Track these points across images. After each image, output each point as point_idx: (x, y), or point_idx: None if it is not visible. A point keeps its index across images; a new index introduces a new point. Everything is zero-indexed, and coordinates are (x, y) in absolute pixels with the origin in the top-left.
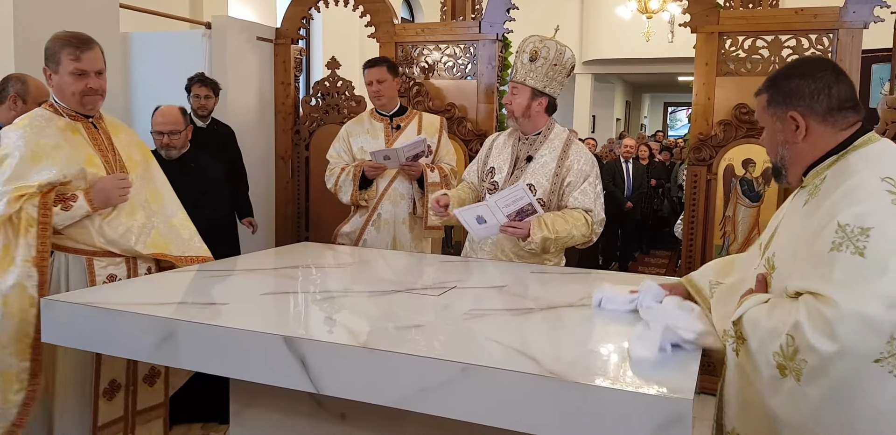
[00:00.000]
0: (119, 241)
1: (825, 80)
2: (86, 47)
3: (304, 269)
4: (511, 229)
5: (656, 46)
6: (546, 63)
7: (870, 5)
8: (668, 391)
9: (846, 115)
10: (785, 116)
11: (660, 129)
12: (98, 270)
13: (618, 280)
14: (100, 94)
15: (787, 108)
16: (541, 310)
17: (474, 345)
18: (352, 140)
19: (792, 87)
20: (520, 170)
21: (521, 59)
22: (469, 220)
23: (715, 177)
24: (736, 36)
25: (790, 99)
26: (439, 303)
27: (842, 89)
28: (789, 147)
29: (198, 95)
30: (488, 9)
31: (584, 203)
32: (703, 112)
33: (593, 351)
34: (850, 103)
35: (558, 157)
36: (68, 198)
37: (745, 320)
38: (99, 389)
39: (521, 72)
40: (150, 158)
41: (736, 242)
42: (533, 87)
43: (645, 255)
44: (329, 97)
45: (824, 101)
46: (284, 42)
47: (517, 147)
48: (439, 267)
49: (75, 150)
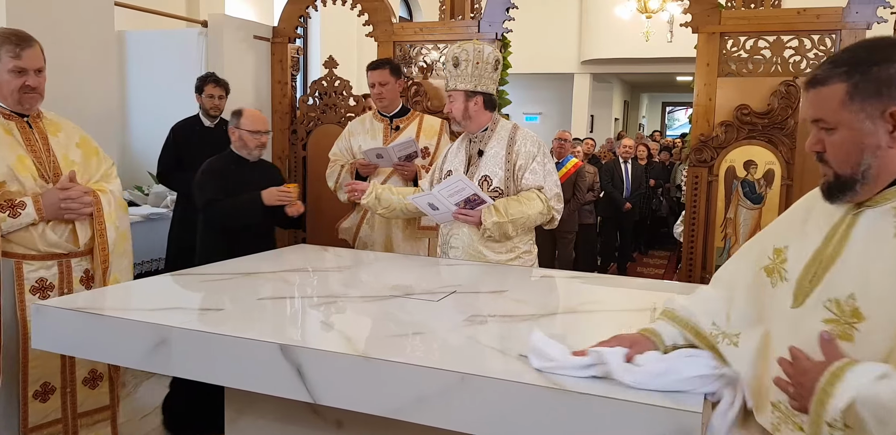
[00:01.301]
0: (62, 243)
1: None
2: (26, 45)
3: (302, 272)
4: (462, 217)
5: (655, 46)
6: (469, 64)
7: (872, 6)
8: (675, 403)
9: None
10: (880, 114)
11: (657, 129)
12: (27, 274)
13: (618, 283)
14: (38, 92)
15: (884, 102)
16: (542, 316)
17: (474, 353)
18: (352, 139)
19: (893, 75)
20: (474, 166)
21: (448, 69)
22: (423, 206)
23: (716, 178)
24: (737, 36)
25: (891, 90)
26: (439, 308)
27: None
28: (882, 154)
29: (212, 95)
30: (487, 8)
31: (534, 181)
32: (705, 113)
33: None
34: None
35: (506, 145)
36: (16, 205)
37: (860, 404)
38: (27, 390)
39: (451, 80)
40: (93, 156)
41: (737, 244)
42: (464, 89)
43: (643, 255)
44: (326, 96)
45: None
46: (281, 41)
47: (469, 147)
48: (439, 270)
49: (4, 149)
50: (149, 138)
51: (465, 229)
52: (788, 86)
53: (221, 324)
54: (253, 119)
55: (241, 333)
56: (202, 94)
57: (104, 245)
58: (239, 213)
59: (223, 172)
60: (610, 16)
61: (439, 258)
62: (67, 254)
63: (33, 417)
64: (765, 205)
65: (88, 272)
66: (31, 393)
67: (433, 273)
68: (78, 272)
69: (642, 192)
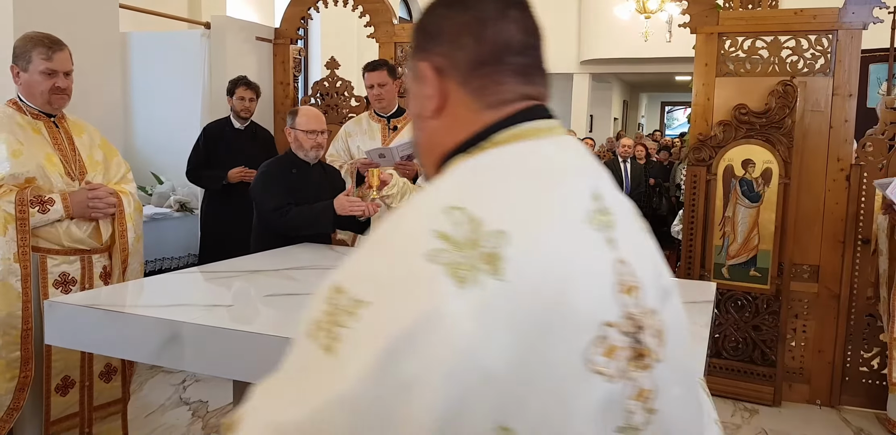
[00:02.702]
0: (86, 239)
1: (481, 10)
2: (57, 48)
3: (306, 270)
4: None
5: (654, 46)
6: None
7: (869, 6)
8: None
9: (501, 82)
10: (417, 69)
11: (657, 128)
12: (51, 268)
13: None
14: (67, 93)
15: (420, 55)
16: None
17: None
18: (350, 140)
19: (434, 22)
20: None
21: None
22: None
23: (714, 177)
24: (735, 36)
25: (427, 41)
26: None
27: (504, 28)
28: (422, 123)
29: (243, 98)
30: None
31: None
32: (703, 112)
33: None
34: (514, 57)
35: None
36: (46, 201)
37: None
38: (50, 385)
39: None
40: (113, 157)
41: (735, 242)
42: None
43: None
44: (328, 97)
45: (470, 47)
46: (283, 42)
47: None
48: None
49: (35, 147)
50: (151, 139)
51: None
52: (786, 85)
53: (231, 319)
54: (308, 118)
55: (251, 328)
56: (233, 97)
57: (125, 245)
58: (311, 224)
59: (282, 176)
60: (609, 16)
61: None
62: (90, 250)
63: (54, 411)
64: (763, 203)
65: (106, 268)
66: (53, 387)
67: None
68: (98, 268)
69: (641, 191)
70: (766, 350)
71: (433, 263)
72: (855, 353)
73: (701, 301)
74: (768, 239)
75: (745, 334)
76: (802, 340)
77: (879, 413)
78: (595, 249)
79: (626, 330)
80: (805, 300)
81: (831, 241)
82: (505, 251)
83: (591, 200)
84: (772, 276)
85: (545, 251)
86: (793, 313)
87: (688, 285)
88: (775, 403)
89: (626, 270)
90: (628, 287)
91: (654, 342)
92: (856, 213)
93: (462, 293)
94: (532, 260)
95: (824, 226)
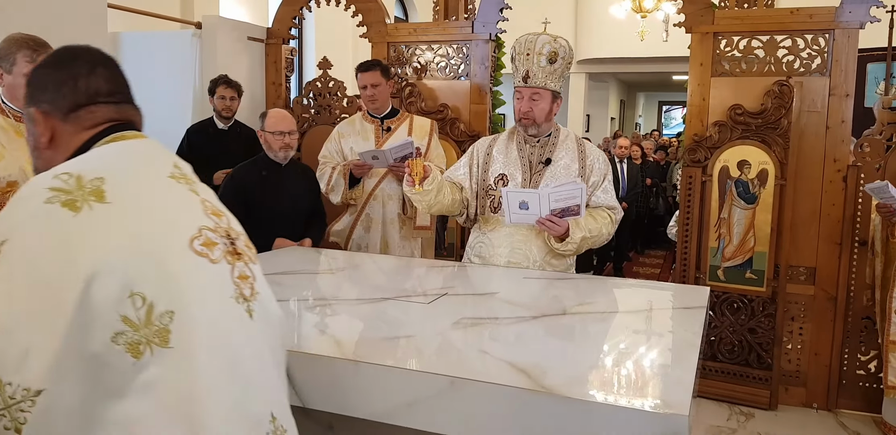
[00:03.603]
0: None
1: (75, 69)
2: (42, 50)
3: (294, 275)
4: (549, 224)
5: (651, 45)
6: (563, 63)
7: (866, 5)
8: (663, 406)
9: (94, 111)
10: (30, 114)
11: (655, 127)
12: None
13: (611, 285)
14: None
15: (31, 104)
16: (533, 318)
17: (463, 357)
18: (343, 141)
19: (40, 79)
20: (538, 174)
21: (537, 62)
22: (513, 202)
23: (710, 178)
24: (731, 36)
25: (37, 93)
26: (429, 311)
27: (94, 81)
28: (39, 154)
29: (223, 96)
30: (481, 8)
31: (607, 201)
32: (698, 113)
33: (586, 362)
34: (104, 98)
35: (578, 157)
36: None
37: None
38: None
39: (541, 76)
40: None
41: (731, 244)
42: (553, 90)
43: (640, 254)
44: (321, 98)
45: (69, 95)
46: (275, 42)
47: (527, 151)
48: (431, 272)
49: (17, 150)
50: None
51: (533, 240)
52: (782, 86)
53: None
54: (275, 119)
55: None
56: (214, 96)
57: None
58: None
59: (245, 182)
60: (605, 15)
61: (432, 260)
62: None
63: None
64: (758, 205)
65: None
66: None
67: (425, 275)
68: None
69: (638, 191)
70: (762, 353)
71: (49, 204)
72: (852, 356)
73: (694, 307)
74: (764, 241)
75: (741, 337)
76: (799, 343)
77: (876, 417)
78: (182, 191)
79: (220, 235)
80: (801, 303)
81: (828, 242)
82: (105, 186)
83: (173, 167)
84: (768, 278)
85: (138, 187)
86: (789, 316)
87: (680, 290)
88: (771, 407)
89: (210, 205)
90: (214, 211)
91: (247, 250)
92: (853, 215)
93: (79, 217)
94: (129, 190)
95: (821, 227)
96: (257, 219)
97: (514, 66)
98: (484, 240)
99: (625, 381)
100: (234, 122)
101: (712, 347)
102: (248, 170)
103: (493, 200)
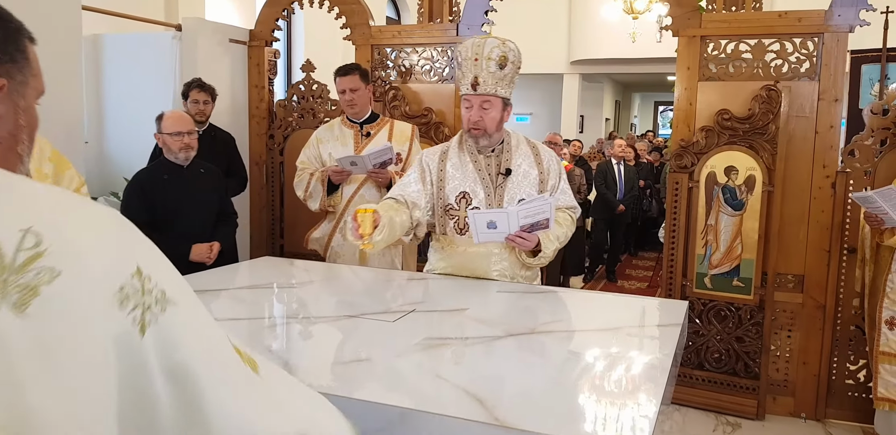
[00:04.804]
0: None
1: None
2: None
3: (258, 290)
4: (519, 240)
5: (644, 46)
6: (513, 68)
7: (855, 8)
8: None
9: None
10: None
11: (650, 128)
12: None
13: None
14: None
15: None
16: (499, 338)
17: (418, 384)
18: (321, 147)
19: None
20: (500, 187)
21: (486, 68)
22: (480, 223)
23: (697, 184)
24: (718, 40)
25: None
26: (393, 330)
27: None
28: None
29: (196, 100)
30: (466, 11)
31: (567, 202)
32: (685, 118)
33: (547, 389)
34: None
35: (535, 162)
36: None
37: None
38: None
39: (491, 82)
40: (65, 170)
41: (718, 251)
42: (504, 96)
43: (633, 256)
44: (304, 101)
45: None
46: (258, 44)
47: (482, 163)
48: (404, 285)
49: None
50: (124, 143)
51: (506, 254)
52: (769, 90)
53: None
54: (172, 121)
55: None
56: (188, 100)
57: None
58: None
59: (146, 187)
60: (598, 16)
61: (407, 272)
62: None
63: None
64: (746, 211)
65: None
66: None
67: (396, 289)
68: None
69: (635, 194)
70: (750, 362)
71: None
72: (841, 365)
73: (668, 324)
74: (752, 248)
75: (728, 346)
76: (787, 352)
77: (866, 427)
78: None
79: None
80: (789, 311)
81: (817, 250)
82: None
83: None
84: (755, 286)
85: None
86: (777, 324)
87: (657, 305)
88: (759, 417)
89: None
90: None
91: None
92: (841, 222)
93: None
94: None
95: (809, 234)
96: (164, 223)
97: (460, 73)
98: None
99: (584, 412)
100: (209, 125)
101: (699, 356)
102: (150, 174)
103: (457, 221)
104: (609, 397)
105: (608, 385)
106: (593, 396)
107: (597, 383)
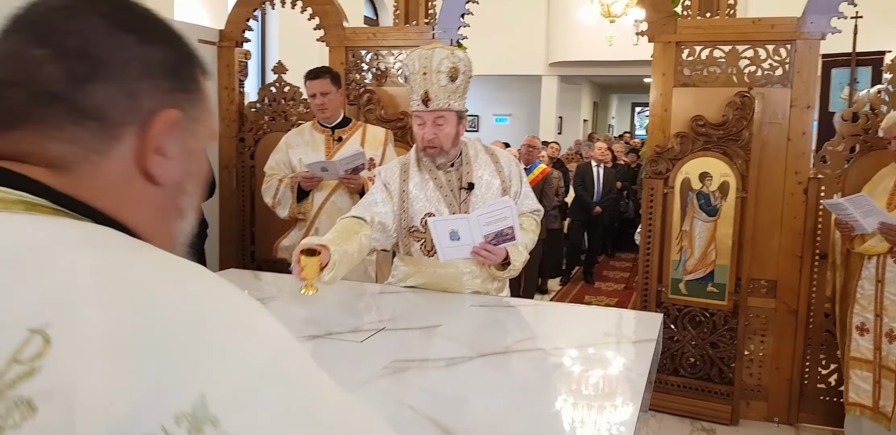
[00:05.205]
0: None
1: None
2: None
3: None
4: (485, 253)
5: (622, 49)
6: (465, 78)
7: (827, 16)
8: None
9: None
10: None
11: (627, 129)
12: None
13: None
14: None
15: None
16: (470, 359)
17: (383, 413)
18: (291, 152)
19: None
20: (464, 202)
21: (437, 81)
22: (442, 233)
23: (671, 190)
24: (693, 46)
25: None
26: (360, 352)
27: None
28: None
29: None
30: (442, 14)
31: (530, 206)
32: (660, 123)
33: (517, 416)
34: None
35: (495, 170)
36: None
37: None
38: None
39: (443, 96)
40: None
41: (693, 257)
42: (458, 110)
43: (610, 257)
44: (276, 103)
45: None
46: (228, 45)
47: (443, 180)
48: (375, 300)
49: None
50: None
51: (478, 272)
52: (743, 97)
53: None
54: None
55: None
56: None
57: None
58: None
59: None
60: (576, 19)
61: (379, 285)
62: None
63: None
64: (720, 217)
65: None
66: None
67: (367, 305)
68: None
69: (612, 196)
70: (724, 368)
71: None
72: (813, 370)
73: (643, 340)
74: (725, 254)
75: (703, 352)
76: (760, 357)
77: (837, 431)
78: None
79: None
80: (763, 316)
81: (789, 255)
82: None
83: None
84: (729, 291)
85: None
86: (750, 330)
87: (632, 318)
88: (733, 422)
89: None
90: None
91: None
92: (813, 227)
93: None
94: None
95: (782, 240)
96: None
97: (409, 87)
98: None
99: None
100: None
101: (674, 362)
102: None
103: (423, 243)
104: (584, 415)
105: (579, 410)
106: (568, 417)
107: (568, 409)
